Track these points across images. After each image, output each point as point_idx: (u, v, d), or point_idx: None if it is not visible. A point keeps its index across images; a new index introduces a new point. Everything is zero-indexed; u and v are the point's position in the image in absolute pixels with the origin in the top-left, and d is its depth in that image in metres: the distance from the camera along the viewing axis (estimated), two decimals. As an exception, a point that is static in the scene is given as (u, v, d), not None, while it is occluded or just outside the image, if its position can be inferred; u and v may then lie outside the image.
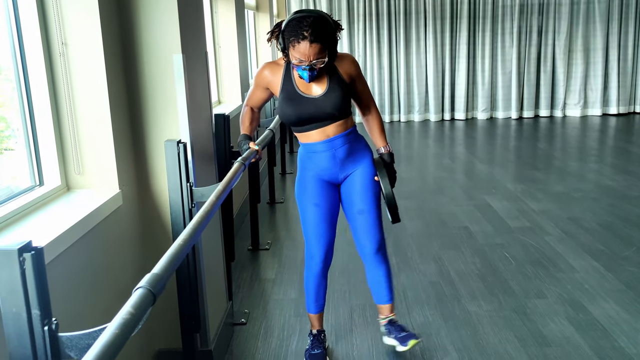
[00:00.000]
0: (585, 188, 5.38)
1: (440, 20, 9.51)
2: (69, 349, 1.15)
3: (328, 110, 2.38)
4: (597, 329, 2.82)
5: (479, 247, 3.94)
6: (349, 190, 2.53)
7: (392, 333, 2.64)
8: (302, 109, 2.37)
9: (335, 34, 2.29)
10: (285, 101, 2.39)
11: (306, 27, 2.18)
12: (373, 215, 2.53)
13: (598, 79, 9.71)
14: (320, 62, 2.25)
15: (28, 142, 2.03)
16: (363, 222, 2.53)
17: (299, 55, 2.22)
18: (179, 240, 1.37)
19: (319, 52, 2.21)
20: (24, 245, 1.09)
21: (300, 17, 2.20)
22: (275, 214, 4.97)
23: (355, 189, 2.51)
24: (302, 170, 2.56)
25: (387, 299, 2.66)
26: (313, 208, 2.51)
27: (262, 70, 2.46)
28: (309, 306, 2.69)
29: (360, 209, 2.52)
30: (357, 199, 2.52)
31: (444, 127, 9.23)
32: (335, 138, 2.44)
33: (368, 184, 2.51)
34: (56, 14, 1.98)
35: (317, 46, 2.20)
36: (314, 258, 2.57)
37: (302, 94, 2.38)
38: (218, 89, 5.10)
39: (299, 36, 2.19)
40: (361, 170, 2.51)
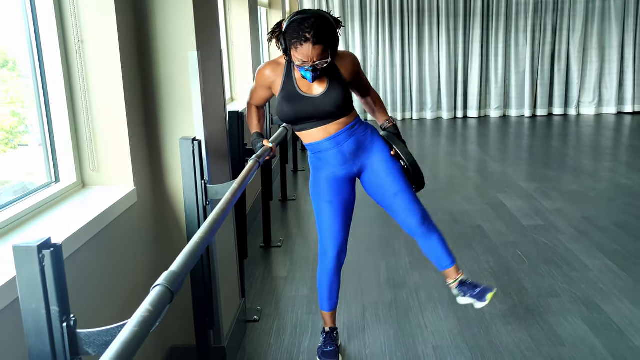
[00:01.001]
0: (600, 187, 5.33)
1: (454, 18, 9.46)
2: (87, 345, 1.16)
3: (329, 109, 2.37)
4: (612, 329, 2.80)
5: (492, 246, 3.92)
6: (375, 178, 2.51)
7: (466, 293, 2.56)
8: (301, 107, 2.37)
9: (337, 33, 2.28)
10: (285, 100, 2.38)
11: (308, 28, 2.16)
12: (408, 193, 2.50)
13: (613, 77, 9.61)
14: (323, 62, 2.24)
15: (44, 138, 2.05)
16: (401, 202, 2.49)
17: (301, 57, 2.21)
18: (196, 238, 1.37)
19: (321, 53, 2.20)
20: (43, 242, 1.10)
21: (301, 19, 2.19)
22: (287, 211, 4.98)
23: (381, 175, 2.49)
24: (315, 170, 2.56)
25: (449, 262, 2.58)
26: (326, 205, 2.51)
27: (263, 70, 2.45)
28: (322, 304, 2.69)
29: (394, 192, 2.48)
30: (387, 184, 2.49)
31: (457, 125, 9.19)
32: (338, 134, 2.42)
33: (390, 166, 2.49)
34: (73, 12, 1.99)
35: (320, 47, 2.19)
36: (327, 255, 2.57)
37: (302, 93, 2.37)
38: (231, 86, 5.11)
39: (301, 38, 2.17)
40: (378, 155, 2.49)
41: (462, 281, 2.59)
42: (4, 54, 2.02)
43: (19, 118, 2.08)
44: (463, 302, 2.59)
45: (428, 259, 2.64)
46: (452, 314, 3.00)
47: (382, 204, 2.58)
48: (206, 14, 2.39)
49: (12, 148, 2.05)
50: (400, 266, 3.63)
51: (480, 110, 9.79)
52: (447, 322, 2.92)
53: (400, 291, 3.28)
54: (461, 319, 2.94)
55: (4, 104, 2.00)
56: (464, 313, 3.00)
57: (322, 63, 2.24)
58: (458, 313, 3.00)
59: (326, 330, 2.71)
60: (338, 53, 2.39)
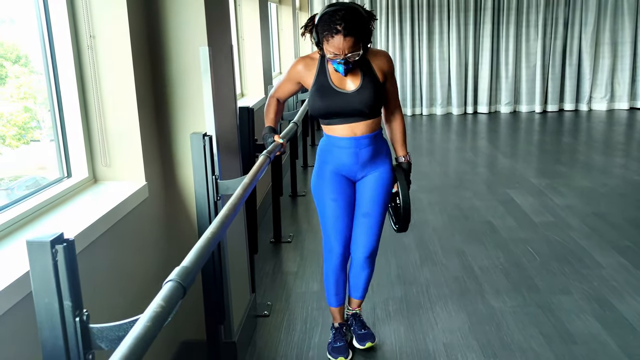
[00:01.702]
0: (612, 183, 5.29)
1: (464, 13, 9.40)
2: (100, 340, 1.17)
3: (358, 107, 2.35)
4: (625, 326, 2.78)
5: (503, 242, 3.90)
6: (362, 190, 2.52)
7: (352, 326, 2.74)
8: (332, 102, 2.35)
9: (369, 26, 2.26)
10: (317, 94, 2.37)
11: (339, 20, 2.15)
12: (376, 222, 2.52)
13: (626, 73, 9.52)
14: (355, 54, 2.22)
15: (57, 134, 2.06)
16: (365, 225, 2.52)
17: (333, 49, 2.20)
18: (207, 233, 1.37)
19: (353, 45, 2.19)
20: (56, 237, 1.10)
21: (332, 11, 2.18)
22: (297, 206, 4.98)
23: (367, 191, 2.50)
24: (321, 163, 2.54)
25: (360, 295, 2.72)
26: (331, 203, 2.51)
27: (296, 65, 2.45)
28: (330, 299, 2.69)
29: (366, 212, 2.51)
30: (366, 201, 2.50)
31: (467, 121, 9.15)
32: (361, 138, 2.41)
33: (381, 190, 2.50)
34: (85, 7, 1.99)
35: (351, 39, 2.17)
36: (333, 252, 2.57)
37: (335, 88, 2.35)
38: (241, 81, 5.11)
39: (332, 30, 2.17)
40: (378, 174, 2.49)
41: (357, 315, 2.75)
42: (17, 50, 2.03)
43: (32, 113, 2.09)
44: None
45: (347, 279, 2.71)
46: (462, 311, 2.98)
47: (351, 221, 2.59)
48: (217, 10, 2.39)
49: (25, 143, 2.06)
50: (410, 263, 3.62)
51: (490, 105, 9.74)
52: (458, 319, 2.91)
53: (411, 287, 3.27)
54: (471, 316, 2.93)
55: (17, 99, 2.01)
56: (474, 310, 2.99)
57: (354, 55, 2.22)
58: (468, 309, 2.99)
59: (335, 326, 2.71)
60: (372, 50, 2.38)
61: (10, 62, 2.01)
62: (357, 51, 2.22)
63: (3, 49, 1.95)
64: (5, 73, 1.96)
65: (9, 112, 1.96)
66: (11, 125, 1.99)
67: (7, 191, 1.94)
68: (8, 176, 2.01)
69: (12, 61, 2.02)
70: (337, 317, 2.73)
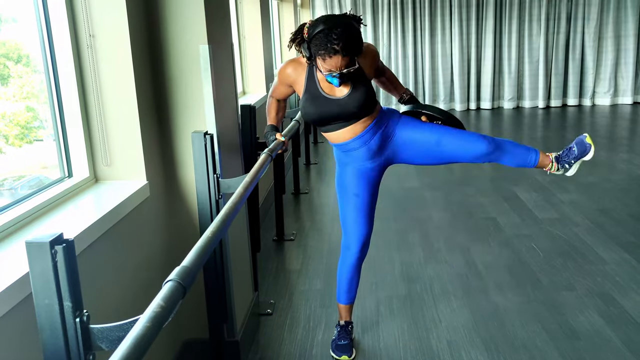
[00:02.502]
0: (616, 178, 5.27)
1: (466, 8, 9.37)
2: (100, 340, 1.16)
3: (352, 110, 2.33)
4: (629, 322, 2.77)
5: (507, 239, 3.89)
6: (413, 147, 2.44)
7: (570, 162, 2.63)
8: (324, 109, 2.33)
9: (361, 37, 2.24)
10: (308, 101, 2.35)
11: (336, 40, 2.11)
12: (449, 133, 2.43)
13: (629, 67, 9.48)
14: (351, 69, 2.20)
15: (57, 134, 2.05)
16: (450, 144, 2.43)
17: (329, 67, 2.17)
18: (208, 232, 1.36)
19: (349, 62, 2.18)
20: (55, 237, 1.10)
21: (327, 30, 2.13)
22: (300, 204, 4.97)
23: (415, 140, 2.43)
24: (341, 166, 2.52)
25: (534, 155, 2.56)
26: (353, 198, 2.49)
27: (285, 69, 2.41)
28: (340, 296, 2.68)
29: (436, 141, 2.42)
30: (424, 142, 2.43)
31: (470, 117, 9.12)
32: (364, 133, 2.38)
33: (418, 127, 2.44)
34: (84, 6, 1.99)
35: (347, 59, 2.16)
36: (350, 249, 2.55)
37: (326, 95, 2.33)
38: (243, 79, 5.10)
39: (329, 51, 2.13)
40: (405, 129, 2.42)
41: (557, 157, 2.58)
42: (19, 50, 2.03)
43: (34, 113, 2.09)
44: (574, 170, 2.61)
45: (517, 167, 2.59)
46: (466, 308, 2.98)
47: (439, 161, 2.52)
48: (217, 7, 2.38)
49: (28, 143, 2.06)
50: (414, 260, 3.61)
51: (493, 101, 9.71)
52: (461, 316, 2.90)
53: (415, 285, 3.26)
54: (475, 313, 2.92)
55: (20, 99, 2.01)
56: (478, 307, 2.98)
57: (349, 70, 2.20)
58: (472, 307, 2.98)
59: (341, 324, 2.71)
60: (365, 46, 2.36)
61: (13, 61, 2.01)
62: (352, 66, 2.20)
63: (5, 49, 1.95)
64: (7, 73, 1.96)
65: (12, 112, 1.96)
66: (14, 124, 1.98)
67: (10, 191, 1.94)
68: (12, 176, 2.01)
69: (15, 61, 2.02)
70: (344, 315, 2.72)
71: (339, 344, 2.62)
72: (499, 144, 2.47)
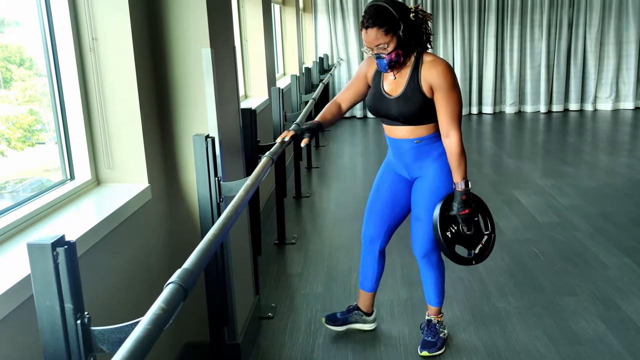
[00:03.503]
0: (617, 183, 5.27)
1: (468, 13, 9.38)
2: (101, 342, 1.16)
3: (393, 114, 2.38)
4: (630, 327, 2.76)
5: (508, 243, 3.88)
6: (413, 193, 2.54)
7: (423, 332, 2.71)
8: (378, 105, 2.43)
9: (400, 18, 2.22)
10: (371, 94, 2.48)
11: (365, 15, 2.24)
12: (424, 225, 2.50)
13: (631, 72, 9.49)
14: (381, 48, 2.24)
15: (60, 136, 2.06)
16: (415, 228, 2.55)
17: (365, 43, 2.29)
18: (209, 235, 1.37)
19: (376, 37, 2.22)
20: (57, 239, 1.10)
21: (365, 7, 2.29)
22: (302, 208, 4.98)
23: (416, 194, 2.51)
24: (387, 155, 2.66)
25: (429, 299, 2.70)
26: (374, 189, 2.65)
27: (365, 60, 2.53)
28: (360, 280, 2.81)
29: (416, 215, 2.53)
30: (415, 204, 2.52)
31: (472, 121, 9.12)
32: (401, 140, 2.43)
33: (426, 193, 2.46)
34: (87, 10, 2.00)
35: (373, 31, 2.21)
36: (364, 237, 2.71)
37: (382, 91, 2.41)
38: (245, 83, 5.11)
39: (361, 25, 2.27)
40: (425, 178, 2.47)
41: (429, 321, 2.70)
42: (21, 53, 2.03)
43: (36, 116, 2.10)
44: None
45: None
46: (467, 312, 2.97)
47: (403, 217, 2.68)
48: (219, 11, 2.39)
49: (30, 146, 2.06)
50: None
51: (495, 106, 9.71)
52: (462, 320, 2.90)
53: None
54: (476, 317, 2.92)
55: (22, 102, 2.01)
56: (479, 311, 2.98)
57: (381, 49, 2.25)
58: (473, 311, 2.98)
59: (351, 305, 2.83)
60: (431, 59, 2.29)
61: (16, 65, 2.01)
62: (383, 43, 2.23)
63: (8, 52, 1.96)
64: (10, 76, 1.97)
65: (14, 115, 1.96)
66: (16, 127, 1.99)
67: (12, 194, 1.94)
68: (14, 179, 2.02)
69: (17, 64, 2.02)
70: (360, 299, 2.83)
71: (333, 314, 2.84)
72: (428, 269, 2.61)
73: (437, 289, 2.65)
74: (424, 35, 2.31)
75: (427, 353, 2.60)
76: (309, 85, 6.31)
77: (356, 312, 2.82)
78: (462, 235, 2.42)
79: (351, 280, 3.40)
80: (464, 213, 2.37)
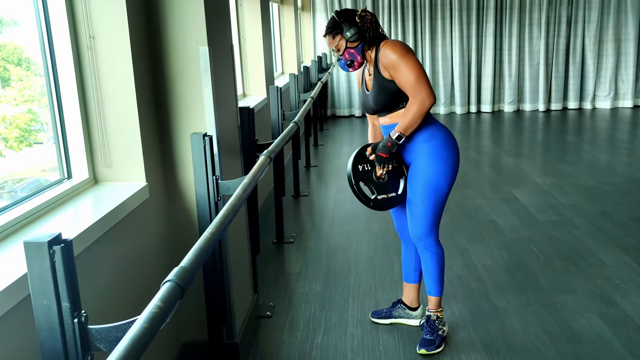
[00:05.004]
0: (616, 181, 5.27)
1: (467, 12, 9.38)
2: (99, 341, 1.16)
3: (371, 105, 2.56)
4: (630, 325, 2.76)
5: (507, 241, 3.88)
6: (408, 178, 2.60)
7: (422, 329, 2.72)
8: (364, 102, 2.64)
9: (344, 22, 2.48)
10: (360, 95, 2.72)
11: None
12: (415, 209, 2.55)
13: (630, 70, 9.49)
14: (337, 51, 2.53)
15: (57, 135, 2.05)
16: (408, 211, 2.61)
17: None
18: (207, 233, 1.36)
19: (330, 43, 2.54)
20: (53, 237, 1.10)
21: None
22: (300, 207, 4.97)
23: (410, 179, 2.58)
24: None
25: (429, 290, 2.67)
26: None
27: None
28: (402, 273, 2.90)
29: (408, 199, 2.59)
30: (409, 188, 2.59)
31: (470, 120, 9.12)
32: (388, 127, 2.56)
33: (418, 179, 2.52)
34: (84, 8, 1.99)
35: (327, 38, 2.54)
36: (397, 230, 2.86)
37: (364, 88, 2.61)
38: (243, 82, 5.10)
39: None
40: (417, 164, 2.53)
41: (428, 316, 2.69)
42: (18, 52, 2.03)
43: (34, 116, 2.09)
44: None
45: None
46: (465, 310, 2.97)
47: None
48: (217, 9, 2.38)
49: (28, 145, 2.06)
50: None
51: (494, 104, 9.71)
52: (461, 319, 2.89)
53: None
54: (475, 315, 2.91)
55: (20, 102, 2.00)
56: (477, 309, 2.98)
57: (336, 52, 2.55)
58: (472, 309, 2.98)
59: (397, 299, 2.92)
60: (381, 47, 2.45)
61: (13, 64, 2.00)
62: (336, 47, 2.52)
63: (6, 52, 1.95)
64: (8, 75, 1.96)
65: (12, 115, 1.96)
66: (14, 127, 1.98)
67: (10, 193, 1.94)
68: (12, 178, 2.01)
69: (15, 64, 2.02)
70: (404, 292, 2.89)
71: (378, 310, 2.94)
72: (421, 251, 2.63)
73: (434, 276, 2.63)
74: (370, 32, 2.49)
75: (424, 351, 2.60)
76: (308, 84, 6.31)
77: (400, 305, 2.86)
78: (371, 177, 2.60)
79: (350, 279, 3.40)
80: (381, 155, 2.50)
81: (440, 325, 2.67)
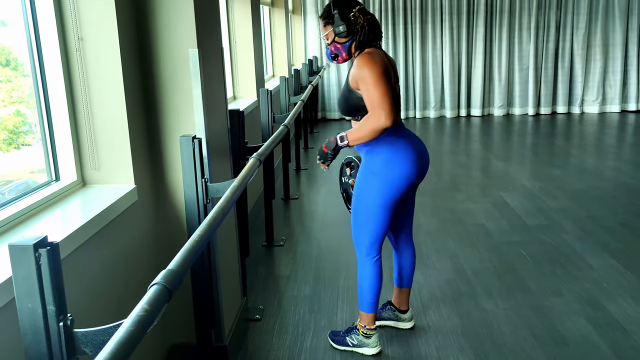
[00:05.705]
0: (604, 186, 5.31)
1: (457, 16, 9.42)
2: (84, 344, 1.15)
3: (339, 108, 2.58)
4: (616, 328, 2.78)
5: (496, 245, 3.90)
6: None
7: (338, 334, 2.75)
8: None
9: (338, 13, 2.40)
10: None
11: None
12: (352, 218, 2.58)
13: (617, 75, 9.57)
14: (325, 37, 2.49)
15: (45, 137, 2.04)
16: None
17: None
18: (195, 236, 1.36)
19: (320, 29, 2.54)
20: (39, 240, 1.09)
21: None
22: (290, 210, 4.97)
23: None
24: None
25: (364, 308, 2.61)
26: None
27: None
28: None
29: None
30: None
31: (460, 124, 9.16)
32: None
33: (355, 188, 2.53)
34: (72, 10, 1.98)
35: (321, 22, 2.51)
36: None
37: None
38: (233, 84, 5.10)
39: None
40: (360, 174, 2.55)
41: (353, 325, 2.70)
42: (7, 53, 2.01)
43: (23, 117, 2.08)
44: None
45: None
46: (454, 314, 2.98)
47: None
48: (207, 11, 2.38)
49: (16, 148, 2.04)
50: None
51: (483, 108, 9.76)
52: (450, 322, 2.90)
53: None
54: (464, 319, 2.92)
55: (9, 103, 1.99)
56: (467, 313, 2.98)
57: (324, 39, 2.51)
58: (461, 313, 2.98)
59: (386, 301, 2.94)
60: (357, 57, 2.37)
61: (1, 65, 1.99)
62: (325, 35, 2.48)
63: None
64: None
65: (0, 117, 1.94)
66: (1, 129, 1.97)
67: (-2, 196, 1.92)
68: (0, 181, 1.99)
69: (3, 65, 2.00)
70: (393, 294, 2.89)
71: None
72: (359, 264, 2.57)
73: (360, 290, 2.58)
74: (360, 35, 2.40)
75: (330, 340, 2.73)
76: (298, 87, 6.31)
77: (389, 307, 2.86)
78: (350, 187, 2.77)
79: (339, 282, 3.40)
80: (323, 149, 2.53)
81: (355, 337, 2.62)
